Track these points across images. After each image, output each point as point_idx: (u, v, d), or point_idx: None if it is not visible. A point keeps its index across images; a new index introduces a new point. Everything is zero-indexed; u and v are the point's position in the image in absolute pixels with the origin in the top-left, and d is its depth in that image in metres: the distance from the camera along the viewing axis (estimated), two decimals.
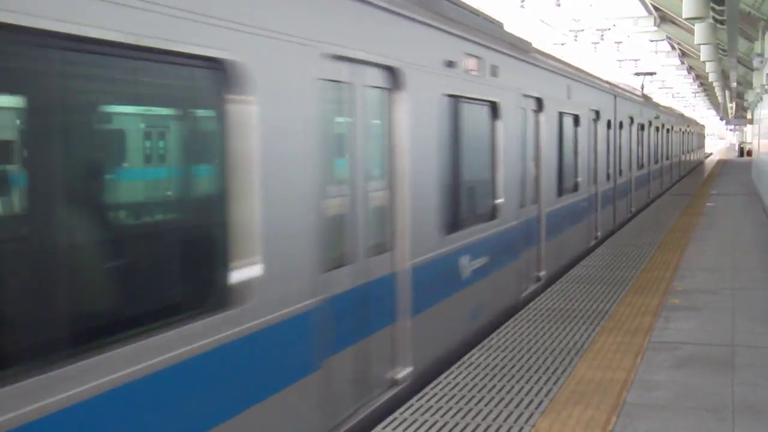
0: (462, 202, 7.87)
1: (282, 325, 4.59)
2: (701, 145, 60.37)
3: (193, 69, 3.96)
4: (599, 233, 15.43)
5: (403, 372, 6.31)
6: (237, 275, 4.21)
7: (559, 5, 29.47)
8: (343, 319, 5.37)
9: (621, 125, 17.82)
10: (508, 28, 10.03)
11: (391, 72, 6.19)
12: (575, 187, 13.13)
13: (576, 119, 13.04)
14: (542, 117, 10.73)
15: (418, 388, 6.46)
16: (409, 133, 6.39)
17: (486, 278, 8.41)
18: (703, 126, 65.46)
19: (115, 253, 3.76)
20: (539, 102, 10.71)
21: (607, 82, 16.95)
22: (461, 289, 7.76)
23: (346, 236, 5.53)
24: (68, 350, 3.26)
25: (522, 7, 28.98)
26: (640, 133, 21.51)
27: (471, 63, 7.97)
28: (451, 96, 7.44)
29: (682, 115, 40.95)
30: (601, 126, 15.34)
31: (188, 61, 3.87)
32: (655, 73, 43.14)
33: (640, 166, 21.76)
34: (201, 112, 4.31)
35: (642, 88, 30.45)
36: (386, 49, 6.05)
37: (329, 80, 5.21)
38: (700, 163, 54.02)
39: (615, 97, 17.09)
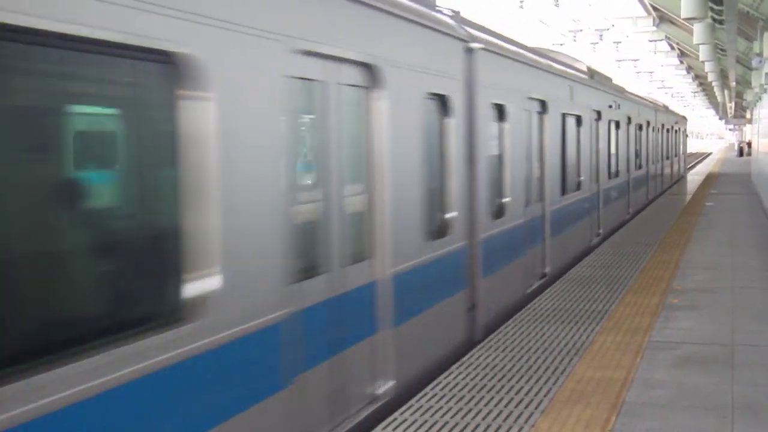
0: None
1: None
2: (677, 153, 34.34)
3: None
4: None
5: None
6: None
7: (557, 5, 29.50)
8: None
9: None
10: (508, 28, 10.07)
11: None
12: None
13: None
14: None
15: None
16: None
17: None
18: (683, 118, 38.06)
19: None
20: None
21: None
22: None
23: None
24: None
25: (521, 7, 29.02)
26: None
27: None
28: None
29: (621, 90, 18.81)
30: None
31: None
32: None
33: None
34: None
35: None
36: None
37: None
38: (674, 183, 32.03)
39: None
